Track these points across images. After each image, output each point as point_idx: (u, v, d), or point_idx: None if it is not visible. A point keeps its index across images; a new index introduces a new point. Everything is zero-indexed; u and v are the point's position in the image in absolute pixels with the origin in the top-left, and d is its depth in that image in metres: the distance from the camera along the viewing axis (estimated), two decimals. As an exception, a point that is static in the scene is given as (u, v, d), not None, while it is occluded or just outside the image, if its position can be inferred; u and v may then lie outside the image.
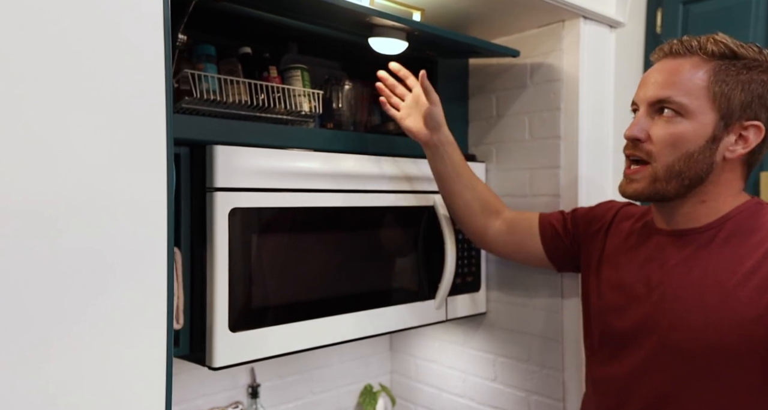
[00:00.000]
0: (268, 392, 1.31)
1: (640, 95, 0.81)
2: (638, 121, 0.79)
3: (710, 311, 0.73)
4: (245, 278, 0.94)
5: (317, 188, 1.03)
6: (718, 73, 0.74)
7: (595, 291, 0.92)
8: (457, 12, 1.17)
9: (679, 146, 0.75)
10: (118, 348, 0.54)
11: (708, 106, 0.74)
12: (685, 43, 0.77)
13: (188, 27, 0.96)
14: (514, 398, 1.30)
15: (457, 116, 1.37)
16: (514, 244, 1.08)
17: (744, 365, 0.71)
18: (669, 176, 0.76)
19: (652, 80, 0.79)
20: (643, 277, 0.83)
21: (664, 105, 0.76)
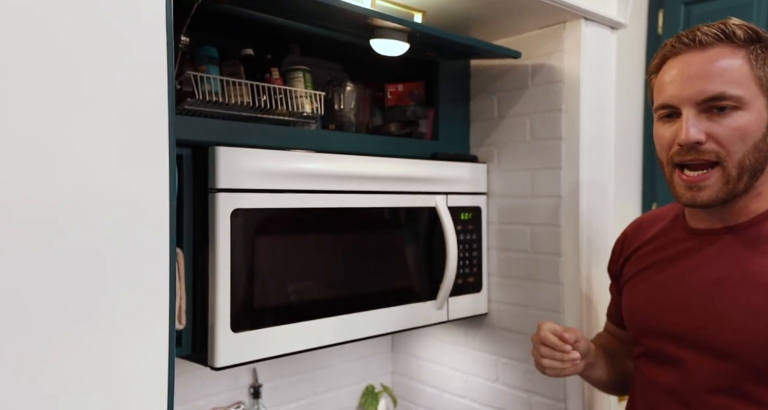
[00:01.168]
0: (269, 392, 1.31)
1: (680, 95, 0.73)
2: (691, 123, 0.71)
3: (758, 313, 0.69)
4: (247, 279, 0.94)
5: (319, 189, 1.03)
6: (756, 58, 0.71)
7: (629, 297, 0.88)
8: (459, 13, 1.17)
9: (747, 140, 0.70)
10: (120, 347, 0.55)
11: (758, 92, 0.71)
12: (709, 34, 0.72)
13: (191, 29, 0.97)
14: (515, 399, 1.30)
15: (458, 117, 1.38)
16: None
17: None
18: (741, 173, 0.72)
19: (686, 77, 0.72)
20: (676, 278, 0.79)
21: (719, 102, 0.71)
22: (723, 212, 0.77)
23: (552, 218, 1.24)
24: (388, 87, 1.34)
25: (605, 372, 0.93)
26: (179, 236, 0.94)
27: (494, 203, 1.35)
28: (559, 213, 1.22)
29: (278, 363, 1.33)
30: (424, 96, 1.34)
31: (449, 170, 1.26)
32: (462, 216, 1.29)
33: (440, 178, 1.24)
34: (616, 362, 0.95)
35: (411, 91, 1.33)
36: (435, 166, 1.23)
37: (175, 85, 0.97)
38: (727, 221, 0.77)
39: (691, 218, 0.82)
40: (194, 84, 0.95)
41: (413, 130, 1.33)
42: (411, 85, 1.33)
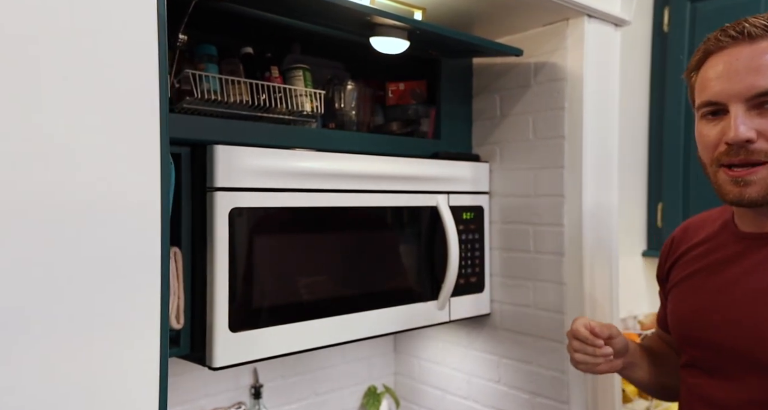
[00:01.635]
0: (271, 392, 1.31)
1: (727, 91, 0.68)
2: (740, 120, 0.67)
3: None
4: (245, 279, 0.94)
5: (318, 188, 1.03)
6: None
7: (674, 300, 0.85)
8: (460, 11, 1.16)
9: None
10: (110, 347, 0.54)
11: None
12: (759, 25, 0.68)
13: (189, 27, 0.96)
14: (518, 400, 1.29)
15: (460, 116, 1.36)
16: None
17: None
18: None
19: (739, 71, 0.68)
20: (724, 285, 0.76)
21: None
22: (764, 216, 0.73)
23: (555, 218, 1.22)
24: (389, 86, 1.34)
25: (648, 374, 0.90)
26: (177, 235, 0.94)
27: (496, 202, 1.34)
28: (562, 213, 1.21)
29: (279, 363, 1.32)
30: (426, 95, 1.33)
31: (451, 169, 1.25)
32: (464, 216, 1.27)
33: (442, 177, 1.23)
34: (664, 365, 0.91)
35: (412, 90, 1.32)
36: (437, 165, 1.22)
37: (174, 83, 0.98)
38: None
39: (741, 221, 0.78)
40: (193, 82, 0.95)
41: (415, 129, 1.32)
42: (412, 83, 1.32)
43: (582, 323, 0.83)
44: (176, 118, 0.93)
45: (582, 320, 0.83)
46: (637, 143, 1.75)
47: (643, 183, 1.80)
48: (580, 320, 0.84)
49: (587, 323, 0.82)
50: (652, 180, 1.76)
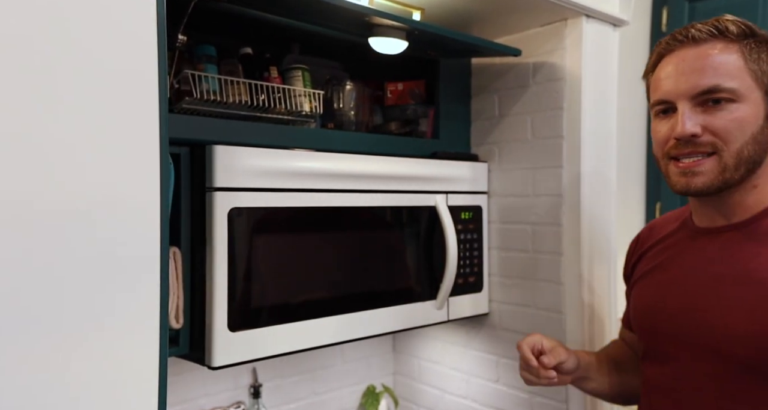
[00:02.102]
0: (270, 392, 1.31)
1: (675, 90, 0.74)
2: (686, 116, 0.72)
3: (756, 311, 0.69)
4: (244, 278, 0.94)
5: (317, 188, 1.03)
6: (749, 52, 0.72)
7: (635, 297, 0.89)
8: (458, 11, 1.17)
9: (745, 130, 0.71)
10: (109, 347, 0.55)
11: (753, 85, 0.72)
12: (703, 29, 0.73)
13: (188, 27, 0.97)
14: (517, 400, 1.29)
15: (459, 116, 1.37)
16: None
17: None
18: (738, 163, 0.72)
19: (681, 72, 0.73)
20: (680, 278, 0.80)
21: (714, 94, 0.72)
22: (723, 208, 0.77)
23: (553, 217, 1.22)
24: (388, 86, 1.34)
25: (602, 384, 0.93)
26: (177, 235, 0.94)
27: (495, 202, 1.34)
28: (561, 212, 1.21)
29: (279, 362, 1.32)
30: (425, 95, 1.33)
31: (450, 169, 1.25)
32: (462, 215, 1.28)
33: (440, 177, 1.23)
34: (622, 372, 0.94)
35: (411, 90, 1.33)
36: (435, 165, 1.23)
37: (173, 84, 0.98)
38: (729, 217, 0.77)
39: (697, 217, 0.82)
40: (192, 83, 0.95)
41: (413, 129, 1.33)
42: (411, 83, 1.33)
43: (530, 342, 0.86)
44: (175, 118, 0.93)
45: (532, 338, 0.87)
46: (635, 142, 1.76)
47: (641, 183, 1.80)
48: (530, 338, 0.87)
49: (534, 344, 0.86)
50: (650, 180, 1.76)
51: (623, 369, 0.94)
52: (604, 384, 0.93)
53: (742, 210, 0.76)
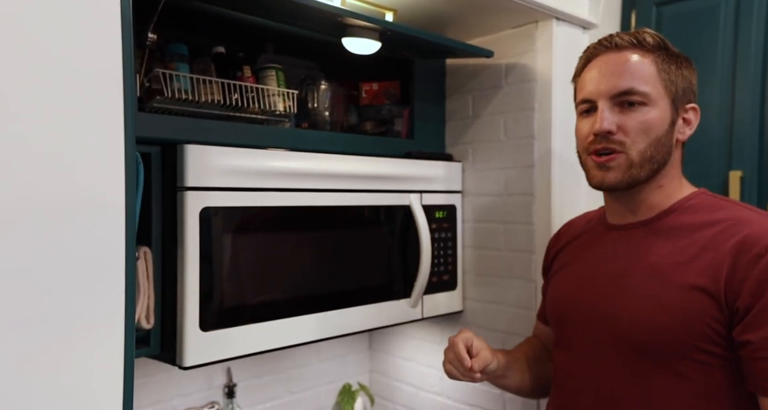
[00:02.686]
0: (244, 392, 1.31)
1: (597, 90, 0.81)
2: (604, 115, 0.80)
3: (651, 299, 0.76)
4: (217, 278, 0.94)
5: (291, 188, 1.03)
6: (662, 62, 0.80)
7: (550, 289, 0.96)
8: (432, 13, 1.18)
9: (650, 133, 0.79)
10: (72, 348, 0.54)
11: (662, 92, 0.79)
12: (625, 38, 0.81)
13: (160, 26, 0.96)
14: (489, 395, 1.31)
15: (433, 116, 1.38)
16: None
17: (685, 352, 0.73)
18: (643, 161, 0.79)
19: (602, 74, 0.81)
20: (590, 271, 0.86)
21: (628, 96, 0.79)
22: (632, 206, 0.84)
23: (525, 216, 1.25)
24: (362, 86, 1.35)
25: (517, 381, 0.98)
26: (147, 235, 0.93)
27: (469, 201, 1.36)
28: (532, 211, 1.23)
29: (253, 362, 1.32)
30: (399, 95, 1.34)
31: (424, 168, 1.26)
32: (437, 214, 1.29)
33: (415, 176, 1.24)
34: (538, 368, 0.99)
35: (386, 90, 1.34)
36: (410, 164, 1.24)
37: (144, 82, 0.97)
38: (636, 215, 0.84)
39: (609, 215, 0.89)
40: (163, 82, 0.94)
41: (388, 128, 1.34)
42: (386, 84, 1.34)
43: (464, 338, 0.90)
44: (146, 117, 0.92)
45: (465, 335, 0.91)
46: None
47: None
48: (463, 335, 0.91)
49: (468, 340, 0.90)
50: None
51: (537, 365, 1.00)
52: (517, 380, 0.98)
53: (648, 208, 0.82)
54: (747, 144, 1.19)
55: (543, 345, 1.04)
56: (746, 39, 1.19)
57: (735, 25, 1.20)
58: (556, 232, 1.03)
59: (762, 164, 1.18)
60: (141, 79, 0.96)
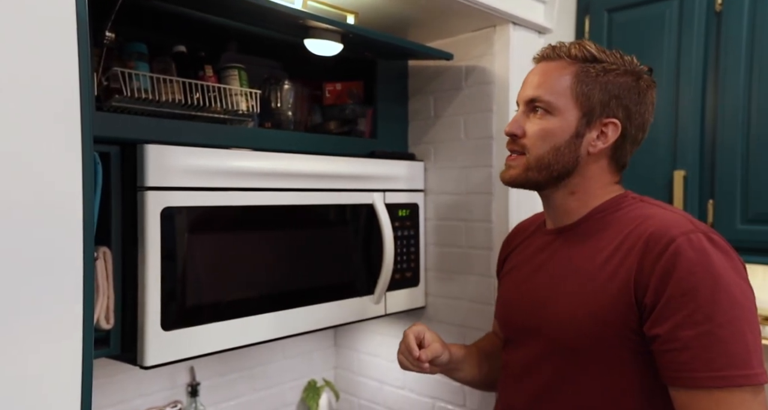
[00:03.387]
0: (208, 390, 1.31)
1: (520, 95, 0.88)
2: (516, 118, 0.86)
3: (575, 300, 0.79)
4: (178, 277, 0.94)
5: (254, 187, 1.04)
6: (580, 75, 0.82)
7: (499, 291, 1.00)
8: (393, 15, 1.20)
9: (548, 140, 0.83)
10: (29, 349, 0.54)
11: (572, 104, 0.82)
12: (555, 49, 0.85)
13: (120, 25, 0.95)
14: (450, 388, 1.35)
15: (396, 116, 1.41)
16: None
17: (605, 351, 0.76)
18: (540, 166, 0.84)
19: (528, 82, 0.87)
20: (530, 275, 0.90)
21: (535, 104, 0.84)
22: (553, 213, 0.89)
23: (484, 215, 1.29)
24: (326, 86, 1.36)
25: (470, 374, 1.03)
26: (107, 235, 0.93)
27: (431, 199, 1.39)
28: (491, 209, 1.28)
29: (218, 360, 1.32)
30: (363, 95, 1.36)
31: (387, 167, 1.29)
32: (400, 213, 1.32)
33: (378, 176, 1.27)
34: (491, 363, 1.03)
35: (349, 90, 1.35)
36: (373, 164, 1.26)
37: (102, 81, 0.96)
38: (563, 220, 0.88)
39: (547, 220, 0.93)
40: (122, 81, 0.94)
41: (352, 128, 1.35)
42: (349, 84, 1.35)
43: (415, 331, 0.95)
44: (105, 116, 0.92)
45: (417, 328, 0.96)
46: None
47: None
48: (416, 327, 0.96)
49: (420, 332, 0.95)
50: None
51: (490, 360, 1.03)
52: (472, 374, 1.03)
53: (566, 214, 0.87)
54: (689, 145, 1.27)
55: (500, 341, 1.08)
56: (688, 46, 1.26)
57: (678, 33, 1.27)
58: (507, 236, 1.07)
59: (703, 164, 1.25)
60: (99, 77, 0.95)
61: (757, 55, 1.17)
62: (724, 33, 1.21)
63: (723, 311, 0.68)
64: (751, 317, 0.71)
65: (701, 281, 0.69)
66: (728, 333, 0.68)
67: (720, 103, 1.23)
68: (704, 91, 1.25)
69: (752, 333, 0.70)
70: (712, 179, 1.24)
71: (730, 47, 1.21)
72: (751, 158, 1.19)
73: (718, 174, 1.23)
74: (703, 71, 1.25)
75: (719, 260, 0.71)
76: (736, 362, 0.67)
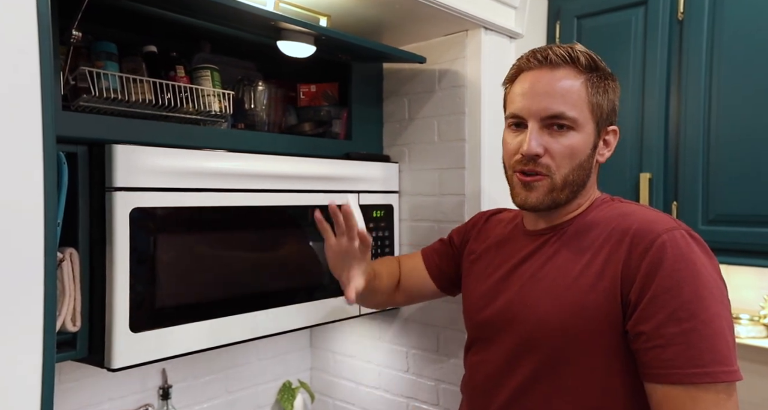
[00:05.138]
0: (181, 393, 1.30)
1: (528, 110, 0.79)
2: (534, 136, 0.78)
3: (557, 300, 0.78)
4: (147, 279, 0.93)
5: (226, 188, 1.04)
6: (592, 86, 0.79)
7: (468, 289, 0.96)
8: (366, 19, 1.21)
9: (574, 158, 0.79)
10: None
11: (589, 116, 0.79)
12: (559, 55, 0.79)
13: (88, 23, 0.94)
14: (424, 387, 1.37)
15: (371, 118, 1.42)
16: (412, 298, 1.13)
17: (588, 349, 0.75)
18: (564, 185, 0.80)
19: (535, 93, 0.79)
20: (506, 274, 0.87)
21: (558, 120, 0.78)
22: (548, 219, 0.86)
23: (457, 216, 1.31)
24: (300, 87, 1.36)
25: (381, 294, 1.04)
26: (74, 236, 0.92)
27: (405, 201, 1.40)
28: (464, 210, 1.29)
29: (191, 362, 1.31)
30: (338, 97, 1.37)
31: (362, 169, 1.30)
32: (374, 214, 1.33)
33: (353, 177, 1.27)
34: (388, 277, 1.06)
35: (324, 92, 1.36)
36: (348, 165, 1.27)
37: (69, 80, 0.95)
38: (543, 224, 0.86)
39: (526, 221, 0.90)
40: (89, 80, 0.93)
41: (327, 130, 1.36)
42: (324, 85, 1.36)
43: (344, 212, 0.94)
44: (72, 116, 0.90)
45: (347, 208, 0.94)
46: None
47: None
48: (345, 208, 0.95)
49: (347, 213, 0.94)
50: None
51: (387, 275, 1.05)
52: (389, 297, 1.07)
53: (554, 220, 0.84)
54: (654, 149, 1.31)
55: (397, 270, 1.09)
56: (653, 52, 1.30)
57: (644, 39, 1.31)
58: (479, 217, 1.04)
59: (667, 166, 1.29)
60: (66, 77, 0.94)
61: (716, 62, 1.21)
62: (686, 40, 1.25)
63: (705, 307, 0.69)
64: (728, 314, 0.71)
65: (685, 277, 0.69)
66: (711, 329, 0.68)
67: (683, 108, 1.27)
68: (668, 97, 1.29)
69: (729, 329, 0.70)
70: (675, 181, 1.28)
71: (691, 54, 1.25)
72: (711, 161, 1.23)
73: (681, 177, 1.27)
74: (667, 77, 1.29)
75: (701, 257, 0.72)
76: (719, 358, 0.67)
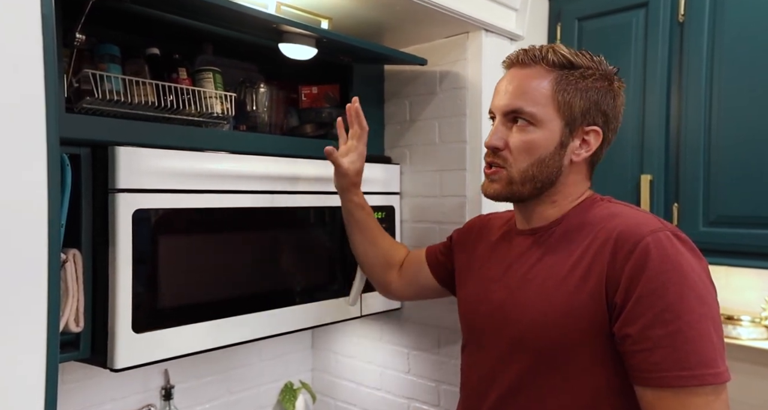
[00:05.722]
0: (183, 393, 1.30)
1: (495, 104, 0.84)
2: (496, 130, 0.82)
3: (546, 300, 0.78)
4: (150, 279, 0.94)
5: (227, 190, 1.04)
6: (560, 83, 0.79)
7: (462, 290, 0.96)
8: (368, 21, 1.22)
9: (532, 153, 0.80)
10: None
11: (554, 114, 0.79)
12: (529, 54, 0.81)
13: (92, 26, 0.95)
14: (425, 388, 1.37)
15: (373, 119, 1.41)
16: (414, 289, 1.13)
17: (577, 349, 0.75)
18: (524, 179, 0.81)
19: (504, 90, 0.82)
20: (498, 274, 0.88)
21: (517, 115, 0.80)
22: (529, 217, 0.87)
23: (458, 217, 1.31)
24: (302, 89, 1.37)
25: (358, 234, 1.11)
26: (77, 237, 0.92)
27: (407, 202, 1.41)
28: (465, 212, 1.30)
29: (194, 363, 1.32)
30: (339, 98, 1.37)
31: (364, 170, 1.30)
32: (376, 215, 1.33)
33: (354, 178, 1.27)
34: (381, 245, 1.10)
35: (326, 94, 1.36)
36: (348, 167, 1.27)
37: (73, 82, 0.96)
38: (533, 224, 0.86)
39: (517, 221, 0.91)
40: (93, 82, 0.93)
41: (328, 131, 1.37)
42: (325, 87, 1.37)
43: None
44: (75, 118, 0.91)
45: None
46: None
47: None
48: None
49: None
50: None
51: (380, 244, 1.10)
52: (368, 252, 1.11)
53: (542, 219, 0.85)
54: (655, 151, 1.31)
55: (398, 254, 1.13)
56: (654, 54, 1.31)
57: (644, 41, 1.32)
58: (479, 220, 1.04)
59: (668, 168, 1.30)
60: (70, 79, 0.95)
61: (717, 64, 1.22)
62: (686, 42, 1.26)
63: (691, 309, 0.68)
64: (715, 315, 0.71)
65: (670, 279, 0.69)
66: (696, 332, 0.68)
67: (683, 110, 1.27)
68: (669, 98, 1.30)
69: (716, 331, 0.70)
70: (676, 183, 1.28)
71: (692, 56, 1.25)
72: (712, 163, 1.23)
73: (682, 179, 1.27)
74: (668, 79, 1.29)
75: (687, 258, 0.71)
76: (705, 360, 0.67)
